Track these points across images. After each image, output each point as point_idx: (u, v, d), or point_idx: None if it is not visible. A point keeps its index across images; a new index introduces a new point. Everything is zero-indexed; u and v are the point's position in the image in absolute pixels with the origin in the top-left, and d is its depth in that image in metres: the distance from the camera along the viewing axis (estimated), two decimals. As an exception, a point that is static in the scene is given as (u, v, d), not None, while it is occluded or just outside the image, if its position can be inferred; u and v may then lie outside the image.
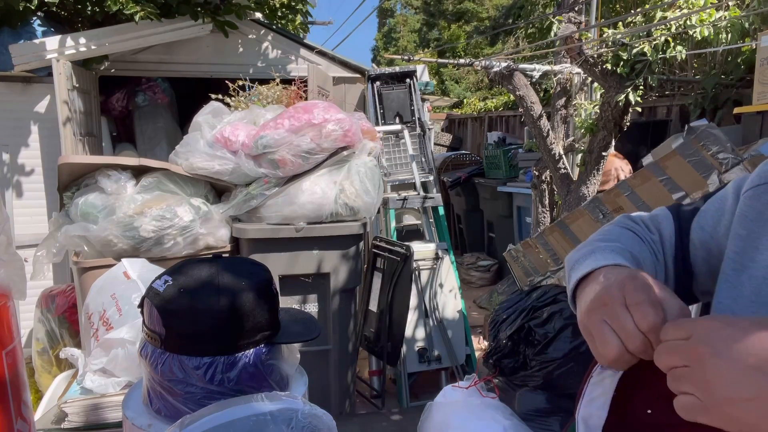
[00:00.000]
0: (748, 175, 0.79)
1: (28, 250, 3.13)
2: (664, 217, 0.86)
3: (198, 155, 2.90)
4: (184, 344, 1.11)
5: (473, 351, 3.78)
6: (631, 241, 0.81)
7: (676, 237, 0.83)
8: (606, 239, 0.80)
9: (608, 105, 3.54)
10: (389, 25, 25.27)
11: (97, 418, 1.64)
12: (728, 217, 0.77)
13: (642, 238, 0.82)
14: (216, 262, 1.17)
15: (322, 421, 0.98)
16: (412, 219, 4.08)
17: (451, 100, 14.18)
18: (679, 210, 0.87)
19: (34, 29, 4.02)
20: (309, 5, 5.31)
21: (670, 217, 0.85)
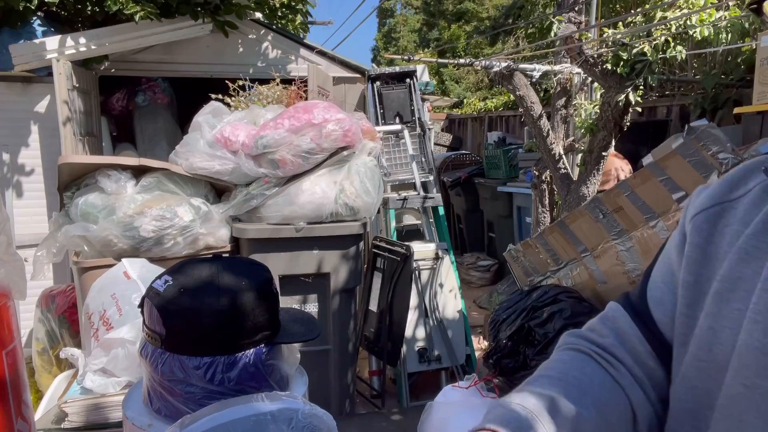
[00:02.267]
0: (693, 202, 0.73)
1: (28, 250, 3.13)
2: (615, 312, 0.77)
3: (198, 155, 2.90)
4: (184, 344, 1.11)
5: (473, 351, 3.78)
6: (575, 366, 0.72)
7: (639, 325, 0.73)
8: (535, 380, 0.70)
9: (608, 105, 3.54)
10: (389, 25, 25.27)
11: (97, 418, 1.64)
12: (678, 271, 0.71)
13: (589, 355, 0.73)
14: (216, 262, 1.18)
15: (322, 421, 0.98)
16: (412, 219, 4.07)
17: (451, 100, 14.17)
18: (628, 297, 0.78)
19: (34, 29, 4.02)
20: (309, 5, 5.31)
21: (620, 308, 0.76)
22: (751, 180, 0.68)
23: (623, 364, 0.71)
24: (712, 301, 0.62)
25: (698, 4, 3.31)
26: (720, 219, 0.67)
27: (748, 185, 0.67)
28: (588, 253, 2.87)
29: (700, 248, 0.66)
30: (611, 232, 2.73)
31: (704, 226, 0.67)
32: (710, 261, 0.65)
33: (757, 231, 0.61)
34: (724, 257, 0.63)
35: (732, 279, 0.61)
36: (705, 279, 0.65)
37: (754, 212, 0.64)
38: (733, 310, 0.59)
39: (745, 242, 0.62)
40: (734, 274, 0.61)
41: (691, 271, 0.66)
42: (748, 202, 0.65)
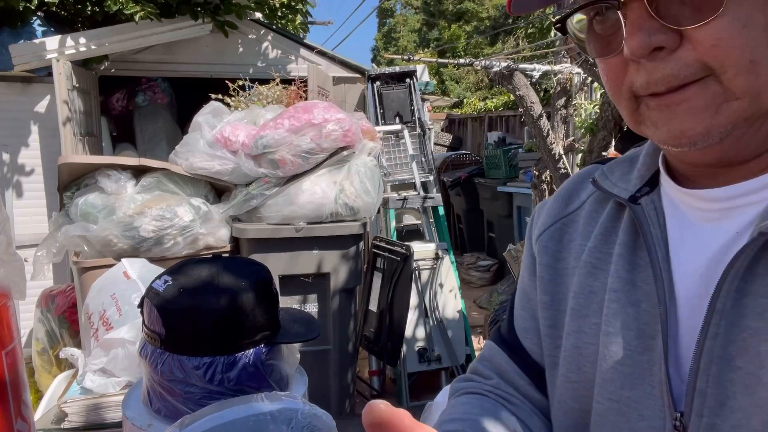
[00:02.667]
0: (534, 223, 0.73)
1: (28, 250, 3.13)
2: (491, 351, 0.75)
3: (198, 155, 2.90)
4: (184, 344, 1.11)
5: (473, 351, 3.78)
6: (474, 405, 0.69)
7: (515, 360, 0.71)
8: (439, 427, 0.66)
9: (608, 105, 3.54)
10: (389, 25, 25.27)
11: (97, 418, 1.64)
12: (534, 295, 0.69)
13: (483, 394, 0.71)
14: (216, 262, 1.18)
15: (322, 421, 0.98)
16: (412, 219, 4.07)
17: (451, 100, 14.18)
18: (499, 332, 0.76)
19: (34, 29, 4.02)
20: (309, 5, 5.31)
21: (495, 346, 0.74)
22: (583, 191, 0.69)
23: (515, 398, 0.70)
24: (570, 319, 0.61)
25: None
26: (563, 235, 0.67)
27: (581, 197, 0.69)
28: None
29: (550, 267, 0.67)
30: (611, 232, 2.73)
31: (550, 245, 0.68)
32: (562, 278, 0.65)
33: (597, 243, 0.62)
34: (574, 272, 0.63)
35: (584, 294, 0.61)
36: (561, 296, 0.65)
37: (592, 224, 0.64)
38: (591, 325, 0.59)
39: (589, 256, 0.62)
40: (585, 289, 0.61)
41: (546, 291, 0.66)
42: (585, 214, 0.66)
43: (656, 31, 0.46)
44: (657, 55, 0.47)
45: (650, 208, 0.58)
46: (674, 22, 0.46)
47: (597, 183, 0.64)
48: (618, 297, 0.57)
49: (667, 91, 0.48)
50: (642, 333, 0.55)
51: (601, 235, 0.62)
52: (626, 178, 0.63)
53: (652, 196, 0.59)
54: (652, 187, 0.60)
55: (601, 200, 0.66)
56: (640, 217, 0.58)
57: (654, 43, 0.46)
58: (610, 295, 0.57)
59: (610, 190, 0.62)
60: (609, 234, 0.62)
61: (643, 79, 0.49)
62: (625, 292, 0.57)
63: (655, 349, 0.53)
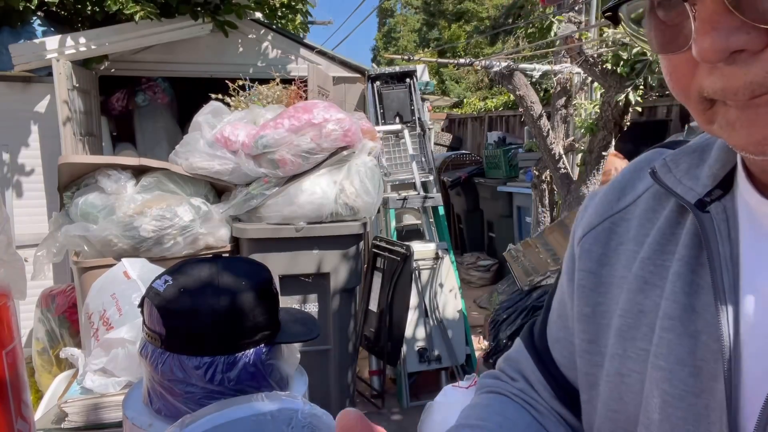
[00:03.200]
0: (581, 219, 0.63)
1: (28, 250, 3.13)
2: (518, 354, 0.70)
3: (198, 155, 2.90)
4: (184, 344, 1.11)
5: (473, 351, 3.78)
6: (496, 410, 0.65)
7: (541, 370, 0.65)
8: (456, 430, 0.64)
9: (608, 105, 3.54)
10: (389, 25, 25.27)
11: (97, 418, 1.64)
12: (570, 301, 0.61)
13: (509, 396, 0.67)
14: (216, 262, 1.18)
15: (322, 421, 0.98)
16: (412, 219, 4.07)
17: (451, 100, 14.18)
18: (531, 334, 0.69)
19: (34, 29, 4.01)
20: (309, 5, 5.31)
21: (523, 350, 0.69)
22: (640, 181, 0.59)
23: (541, 405, 0.65)
24: (615, 340, 0.53)
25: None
26: (611, 236, 0.58)
27: (636, 190, 0.59)
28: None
29: (592, 274, 0.58)
30: (611, 232, 2.73)
31: (594, 248, 0.59)
32: (607, 287, 0.56)
33: (651, 254, 0.53)
34: (622, 283, 0.55)
35: (633, 313, 0.52)
36: (604, 309, 0.56)
37: (647, 227, 0.55)
38: (638, 350, 0.51)
39: (641, 268, 0.53)
40: (635, 307, 0.52)
41: (587, 301, 0.57)
42: (639, 213, 0.57)
43: (735, 30, 0.37)
44: (737, 57, 0.38)
45: (721, 218, 0.48)
46: (760, 18, 0.36)
47: (657, 176, 0.54)
48: (673, 326, 0.48)
49: (752, 98, 0.38)
50: (699, 371, 0.46)
51: (657, 244, 0.53)
52: (694, 173, 0.52)
53: (724, 201, 0.49)
54: (725, 190, 0.50)
55: (661, 196, 0.56)
56: (707, 229, 0.48)
57: (733, 45, 0.37)
58: (663, 323, 0.49)
59: (672, 188, 0.52)
60: (667, 243, 0.52)
61: (718, 85, 0.39)
62: (682, 320, 0.47)
63: (715, 393, 0.45)
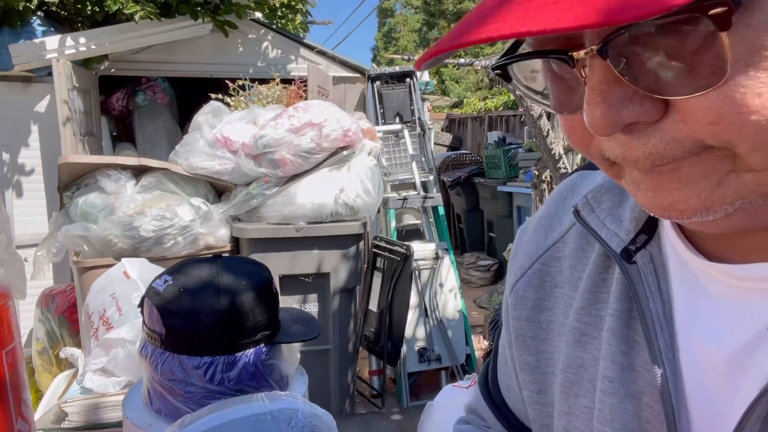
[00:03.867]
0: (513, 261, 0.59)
1: (28, 249, 3.12)
2: (477, 404, 0.67)
3: (198, 155, 2.90)
4: (184, 344, 1.11)
5: (473, 350, 3.78)
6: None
7: (501, 421, 0.63)
8: None
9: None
10: (389, 24, 25.28)
11: (97, 418, 1.64)
12: (509, 351, 0.58)
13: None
14: (216, 261, 1.18)
15: (322, 421, 0.98)
16: (412, 219, 4.07)
17: (451, 100, 14.18)
18: (486, 382, 0.66)
19: (34, 29, 4.01)
20: (309, 5, 5.31)
21: (482, 401, 0.66)
22: (565, 215, 0.55)
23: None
24: (561, 396, 0.50)
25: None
26: (545, 279, 0.54)
27: (563, 224, 0.55)
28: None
29: (531, 322, 0.54)
30: (611, 232, 2.73)
31: (528, 294, 0.55)
32: (548, 334, 0.53)
33: (585, 303, 0.49)
34: (562, 331, 0.51)
35: (573, 368, 0.49)
36: (548, 357, 0.53)
37: (579, 269, 0.51)
38: (582, 408, 0.48)
39: (577, 320, 0.49)
40: (575, 362, 0.49)
41: (529, 351, 0.54)
42: (569, 254, 0.53)
43: (628, 102, 0.33)
44: (633, 128, 0.34)
45: (648, 269, 0.45)
46: (653, 88, 0.32)
47: (580, 216, 0.50)
48: (614, 389, 0.45)
49: (653, 167, 0.35)
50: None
51: (589, 293, 0.49)
52: (617, 214, 0.48)
53: (650, 248, 0.46)
54: (650, 234, 0.46)
55: (588, 235, 0.51)
56: (636, 283, 0.45)
57: (626, 118, 0.33)
58: (603, 385, 0.46)
59: (597, 232, 0.48)
60: (598, 290, 0.49)
61: (617, 152, 0.36)
62: (621, 381, 0.45)
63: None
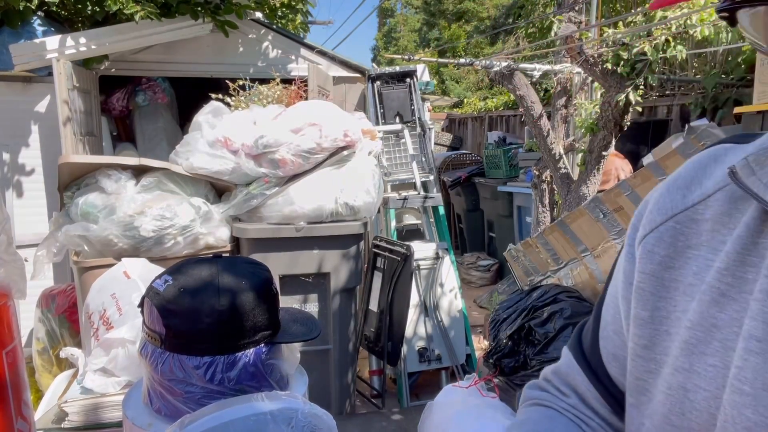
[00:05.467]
0: (641, 216, 0.59)
1: (28, 249, 3.13)
2: (569, 368, 0.66)
3: (198, 155, 2.90)
4: (184, 344, 1.11)
5: (473, 350, 3.78)
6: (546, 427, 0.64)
7: (596, 386, 0.63)
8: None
9: (608, 104, 3.54)
10: (389, 24, 25.27)
11: (97, 418, 1.64)
12: (627, 306, 0.58)
13: (558, 411, 0.65)
14: (216, 261, 1.18)
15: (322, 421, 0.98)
16: (413, 219, 4.07)
17: (451, 100, 14.17)
18: (581, 346, 0.66)
19: (35, 29, 4.01)
20: (309, 5, 5.31)
21: (574, 363, 0.66)
22: (707, 178, 0.55)
23: (594, 421, 0.63)
24: (682, 353, 0.50)
25: (698, 3, 3.31)
26: (678, 238, 0.54)
27: (704, 187, 0.54)
28: (588, 252, 2.87)
29: (654, 277, 0.54)
30: (611, 232, 2.73)
31: (657, 250, 0.54)
32: (669, 291, 0.53)
33: (730, 264, 0.49)
34: (690, 291, 0.51)
35: (704, 327, 0.49)
36: (664, 315, 0.53)
37: (723, 233, 0.51)
38: (707, 367, 0.48)
39: (718, 279, 0.49)
40: (707, 321, 0.49)
41: (645, 305, 0.54)
42: (713, 216, 0.52)
43: None
44: None
45: None
46: None
47: (737, 177, 0.49)
48: (762, 348, 0.44)
49: None
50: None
51: (737, 254, 0.48)
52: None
53: None
54: None
55: (739, 199, 0.51)
56: None
57: None
58: (749, 344, 0.45)
59: (758, 194, 0.47)
60: (748, 253, 0.48)
61: None
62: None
63: None
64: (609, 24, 3.99)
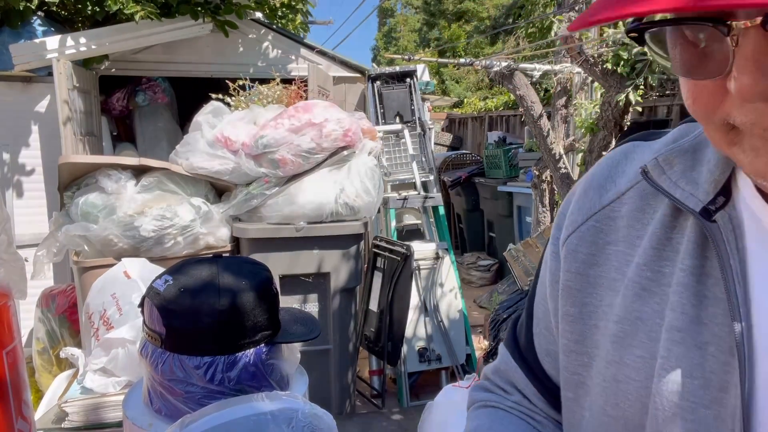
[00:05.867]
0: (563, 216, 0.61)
1: (28, 249, 3.12)
2: (507, 366, 0.68)
3: (198, 155, 2.90)
4: (184, 344, 1.11)
5: (473, 350, 3.78)
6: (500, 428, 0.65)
7: (534, 383, 0.64)
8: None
9: (608, 104, 3.54)
10: (389, 24, 25.27)
11: (97, 418, 1.64)
12: (554, 304, 0.59)
13: (506, 410, 0.67)
14: (216, 261, 1.18)
15: (322, 421, 0.98)
16: (413, 218, 4.07)
17: (451, 100, 14.17)
18: (517, 344, 0.67)
19: (35, 29, 4.01)
20: (309, 5, 5.31)
21: (512, 362, 0.67)
22: (620, 177, 0.57)
23: (539, 415, 0.65)
24: (612, 347, 0.52)
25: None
26: (598, 236, 0.56)
27: (618, 185, 0.57)
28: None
29: (580, 275, 0.56)
30: (611, 232, 2.73)
31: (581, 249, 0.57)
32: (595, 288, 0.55)
33: (648, 259, 0.51)
34: (614, 286, 0.53)
35: (630, 320, 0.51)
36: (591, 309, 0.55)
37: (638, 228, 0.53)
38: (635, 359, 0.50)
39: (638, 274, 0.51)
40: (632, 314, 0.51)
41: (573, 302, 0.56)
42: (627, 212, 0.55)
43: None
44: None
45: (728, 228, 0.47)
46: None
47: (649, 176, 0.52)
48: (682, 338, 0.47)
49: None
50: (708, 383, 0.45)
51: (653, 249, 0.51)
52: (691, 177, 0.50)
53: (728, 210, 0.47)
54: (726, 197, 0.48)
55: (649, 195, 0.54)
56: (718, 240, 0.46)
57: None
58: (671, 335, 0.47)
59: (669, 192, 0.50)
60: (662, 248, 0.51)
61: (749, 118, 0.38)
62: (690, 332, 0.47)
63: (725, 404, 0.45)
64: (609, 24, 3.99)
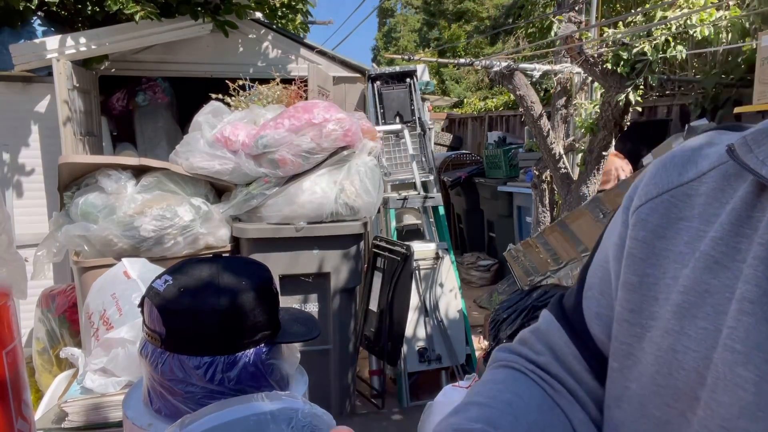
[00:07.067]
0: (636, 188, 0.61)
1: (28, 249, 3.13)
2: (548, 326, 0.68)
3: (198, 155, 2.90)
4: (184, 344, 1.11)
5: (473, 350, 3.78)
6: (507, 387, 0.64)
7: (576, 343, 0.64)
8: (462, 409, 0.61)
9: (608, 105, 3.54)
10: (389, 24, 25.26)
11: (97, 418, 1.64)
12: (616, 271, 0.59)
13: (524, 372, 0.66)
14: (216, 261, 1.18)
15: (322, 421, 0.98)
16: (413, 219, 4.07)
17: (451, 100, 14.17)
18: (562, 306, 0.68)
19: (35, 29, 4.01)
20: (309, 5, 5.31)
21: (554, 321, 0.67)
22: (702, 160, 0.57)
23: (562, 383, 0.63)
24: (673, 316, 0.52)
25: (698, 3, 3.31)
26: (671, 210, 0.56)
27: (699, 166, 0.56)
28: (588, 252, 2.87)
29: (646, 244, 0.56)
30: (611, 232, 2.73)
31: (651, 218, 0.57)
32: (660, 259, 0.55)
33: (724, 234, 0.51)
34: (682, 259, 0.53)
35: (698, 291, 0.51)
36: (652, 281, 0.55)
37: (716, 206, 0.53)
38: (698, 330, 0.50)
39: (712, 248, 0.51)
40: (700, 286, 0.50)
41: (635, 270, 0.56)
42: (707, 191, 0.55)
43: None
44: None
45: None
46: None
47: (736, 154, 0.51)
48: (753, 310, 0.46)
49: None
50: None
51: (731, 225, 0.51)
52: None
53: None
54: None
55: (732, 176, 0.53)
56: None
57: None
58: (743, 306, 0.47)
59: (756, 169, 0.49)
60: (742, 224, 0.50)
61: None
62: (761, 304, 0.46)
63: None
64: (609, 24, 3.99)
